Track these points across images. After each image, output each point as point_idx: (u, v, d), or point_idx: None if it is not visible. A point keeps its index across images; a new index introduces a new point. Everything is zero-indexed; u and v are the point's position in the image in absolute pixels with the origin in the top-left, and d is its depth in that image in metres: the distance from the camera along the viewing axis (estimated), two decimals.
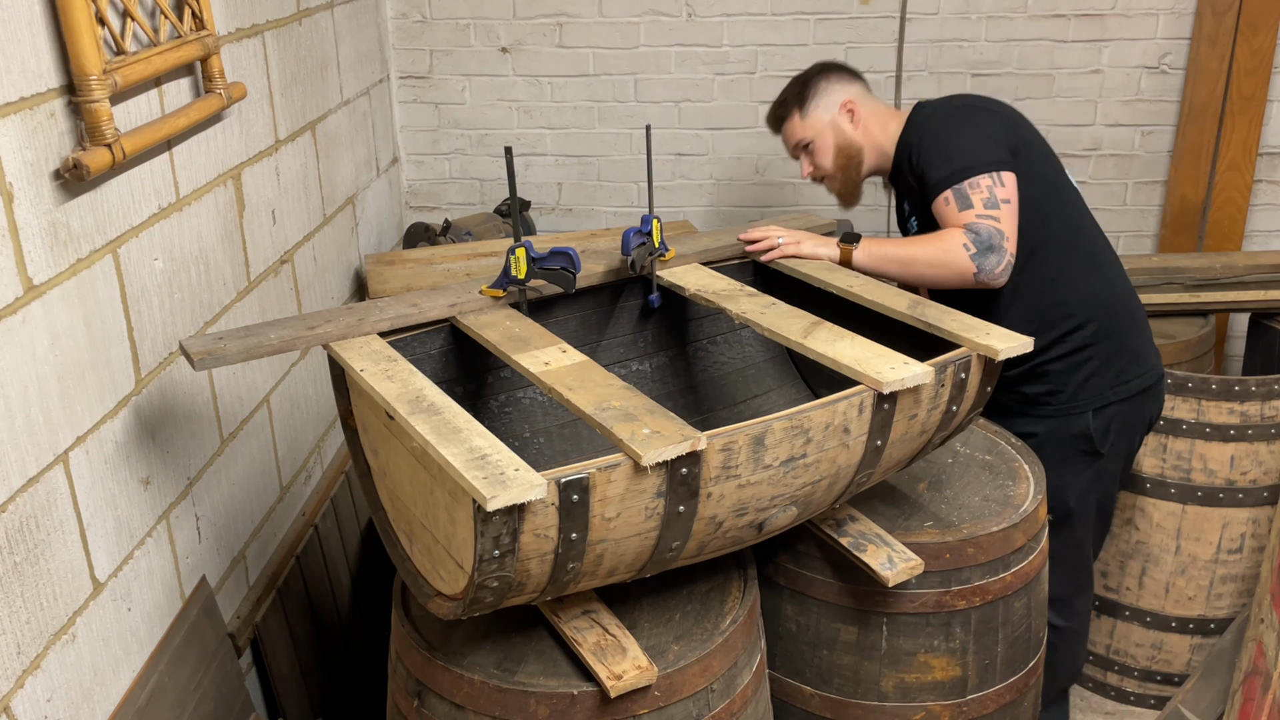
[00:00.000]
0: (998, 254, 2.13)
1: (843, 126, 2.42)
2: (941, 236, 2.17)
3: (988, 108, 2.32)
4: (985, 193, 2.16)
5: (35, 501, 1.52)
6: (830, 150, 2.44)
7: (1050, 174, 2.31)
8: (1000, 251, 2.13)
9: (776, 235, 2.26)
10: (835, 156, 2.44)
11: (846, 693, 2.01)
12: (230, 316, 2.13)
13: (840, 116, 2.42)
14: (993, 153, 2.20)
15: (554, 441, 2.10)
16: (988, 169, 2.17)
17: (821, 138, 2.44)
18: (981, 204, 2.16)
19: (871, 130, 2.42)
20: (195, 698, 1.88)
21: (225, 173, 2.12)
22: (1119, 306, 2.31)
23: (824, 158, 2.45)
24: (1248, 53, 3.22)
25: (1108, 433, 2.31)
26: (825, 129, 2.43)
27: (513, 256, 1.86)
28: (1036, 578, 2.07)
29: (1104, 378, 2.29)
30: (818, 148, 2.45)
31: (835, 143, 2.43)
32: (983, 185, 2.17)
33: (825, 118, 2.43)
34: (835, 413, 1.62)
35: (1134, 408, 2.32)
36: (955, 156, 2.21)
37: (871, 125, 2.42)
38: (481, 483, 1.32)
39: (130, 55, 1.70)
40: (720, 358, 2.33)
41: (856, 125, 2.42)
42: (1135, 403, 2.32)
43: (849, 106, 2.43)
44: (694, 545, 1.62)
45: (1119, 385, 2.29)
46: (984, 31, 3.33)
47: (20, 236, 1.48)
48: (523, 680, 1.62)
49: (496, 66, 3.44)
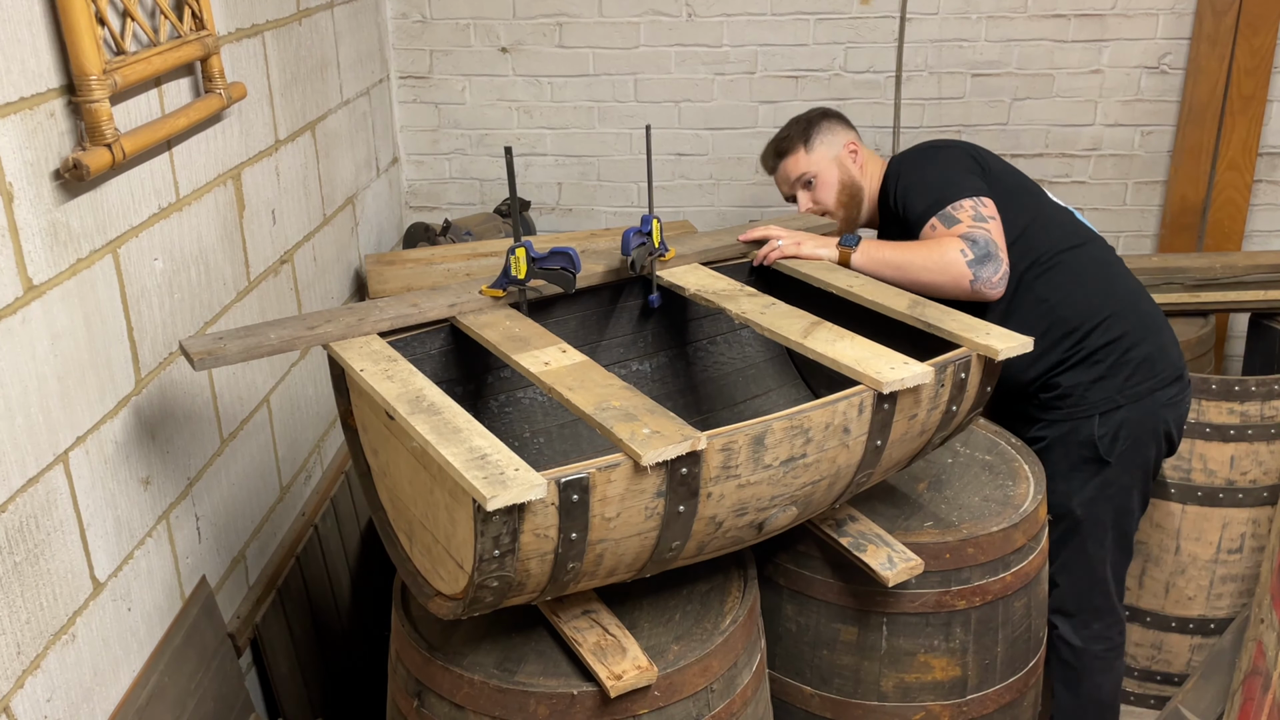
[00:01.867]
0: (994, 262, 2.13)
1: (847, 164, 2.47)
2: (940, 242, 2.17)
3: (954, 144, 2.39)
4: (970, 211, 2.19)
5: (35, 501, 1.52)
6: (834, 186, 2.47)
7: (1028, 201, 2.33)
8: (996, 260, 2.14)
9: (776, 236, 2.26)
10: (839, 193, 2.47)
11: (846, 693, 2.01)
12: (230, 316, 2.13)
13: (845, 155, 2.47)
14: (968, 180, 2.25)
15: (554, 441, 2.10)
16: (968, 193, 2.22)
17: (826, 173, 2.47)
18: (970, 219, 2.18)
19: (869, 174, 2.48)
20: (195, 698, 1.88)
21: (225, 173, 2.12)
22: (1124, 313, 2.26)
23: (827, 193, 2.48)
24: (1248, 53, 3.22)
25: (1115, 439, 2.25)
26: (830, 164, 2.47)
27: (513, 256, 1.86)
28: (1036, 578, 2.07)
29: (1112, 381, 2.24)
30: (821, 183, 2.48)
31: (839, 179, 2.46)
32: (965, 206, 2.20)
33: (830, 154, 2.47)
34: (835, 413, 1.62)
35: (1145, 413, 2.25)
36: (933, 187, 2.26)
37: (869, 169, 2.49)
38: (481, 483, 1.32)
39: (130, 55, 1.70)
40: (720, 358, 2.33)
41: (859, 166, 2.47)
42: (1145, 408, 2.25)
43: (852, 147, 2.48)
44: (694, 545, 1.62)
45: (1127, 389, 2.24)
46: (984, 31, 3.33)
47: (20, 236, 1.48)
48: (523, 680, 1.62)
49: (496, 66, 3.44)
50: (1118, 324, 2.25)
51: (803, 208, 2.52)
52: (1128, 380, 2.24)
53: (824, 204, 2.49)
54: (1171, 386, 2.27)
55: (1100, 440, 2.25)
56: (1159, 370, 2.26)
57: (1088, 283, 2.28)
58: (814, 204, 2.50)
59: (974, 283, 2.13)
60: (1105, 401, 2.25)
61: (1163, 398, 2.26)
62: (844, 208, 2.48)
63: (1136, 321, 2.27)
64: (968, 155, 2.34)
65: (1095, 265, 2.31)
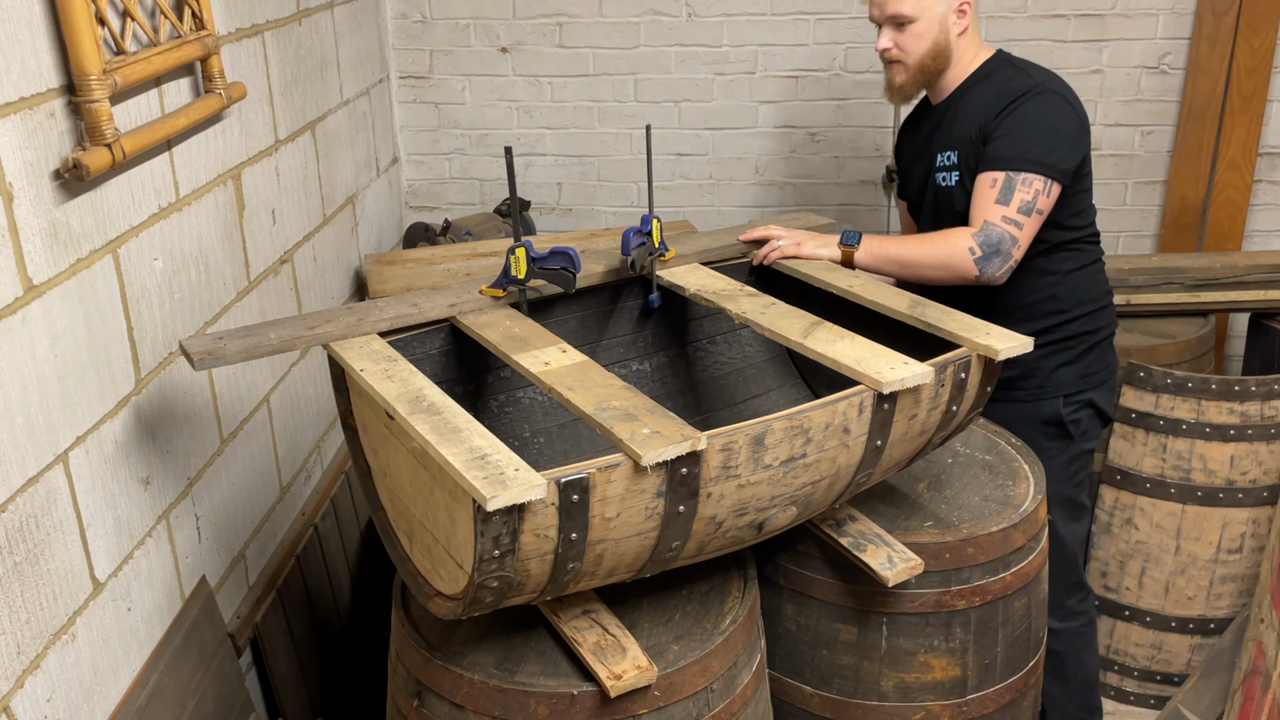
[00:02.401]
0: (1003, 258, 2.12)
1: (949, 25, 2.25)
2: (948, 238, 2.15)
3: (1075, 108, 2.22)
4: (1030, 195, 2.13)
5: (35, 501, 1.52)
6: (927, 41, 2.24)
7: (1088, 182, 2.30)
8: (1006, 257, 2.13)
9: (777, 235, 2.25)
10: (926, 53, 2.25)
11: (846, 693, 2.01)
12: (230, 316, 2.13)
13: (951, 15, 2.24)
14: (1063, 160, 2.15)
15: (554, 441, 2.10)
16: (1048, 174, 2.14)
17: (925, 23, 2.23)
18: (1018, 206, 2.13)
19: (964, 50, 2.28)
20: (195, 698, 1.88)
21: (225, 173, 2.12)
22: (1104, 304, 2.35)
23: (916, 44, 2.25)
24: (1248, 53, 3.22)
25: (1078, 420, 2.33)
26: (933, 18, 2.23)
27: (513, 256, 1.86)
28: (1036, 578, 2.07)
29: (1076, 367, 2.32)
30: (915, 31, 2.24)
31: (934, 38, 2.24)
32: (1034, 187, 2.13)
33: (939, 8, 2.23)
34: (835, 413, 1.62)
35: (1101, 398, 2.36)
36: (1032, 145, 2.15)
37: (966, 45, 2.29)
38: (481, 483, 1.32)
39: (130, 55, 1.70)
40: (720, 358, 2.33)
41: (960, 33, 2.26)
42: (1101, 394, 2.36)
43: (964, 8, 2.25)
44: (694, 545, 1.62)
45: (1089, 376, 2.33)
46: (984, 31, 3.33)
47: (20, 236, 1.48)
48: (523, 680, 1.62)
49: (496, 66, 3.44)
50: (1099, 317, 2.33)
51: (880, 45, 2.29)
52: (1090, 367, 2.33)
53: (904, 56, 2.27)
54: (1113, 373, 2.39)
55: (1070, 423, 2.32)
56: (1110, 359, 2.38)
57: (1089, 269, 2.32)
58: (895, 49, 2.27)
59: (979, 277, 2.14)
60: (1070, 385, 2.32)
61: (1109, 385, 2.38)
62: (920, 71, 2.28)
63: (1109, 316, 2.37)
64: (1083, 129, 2.21)
65: (1098, 257, 2.35)
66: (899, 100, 2.36)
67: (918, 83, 2.31)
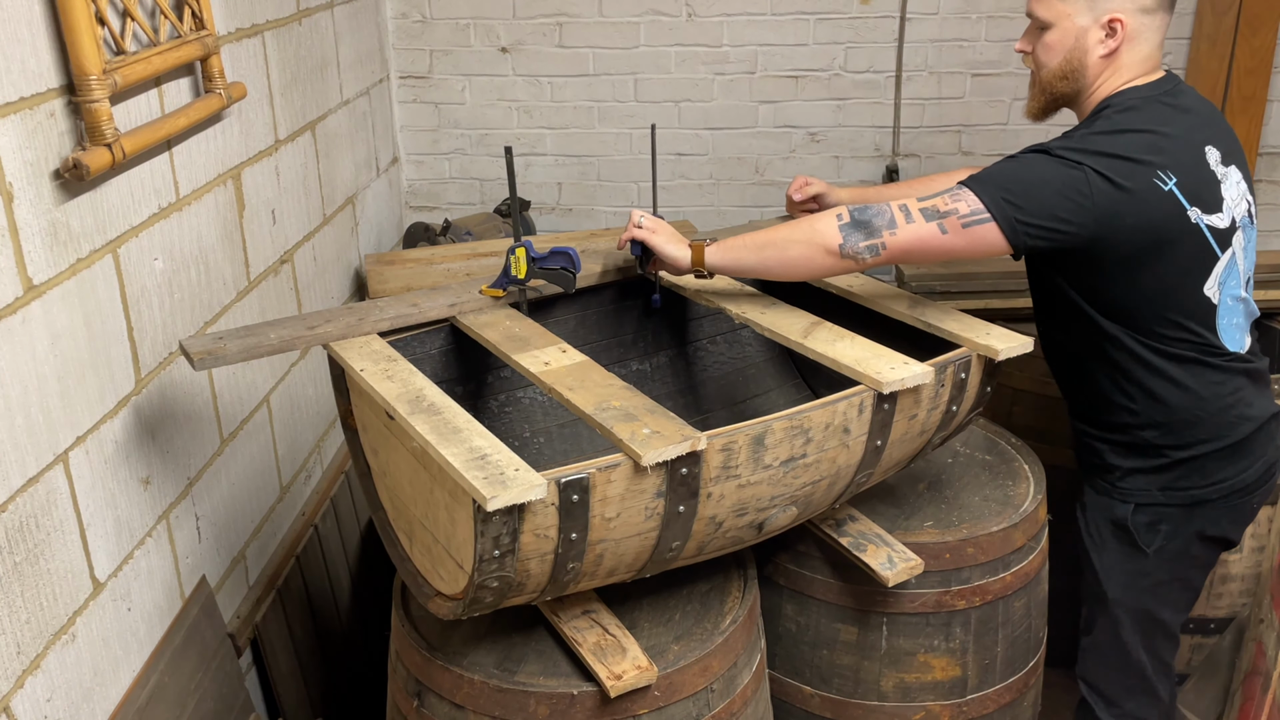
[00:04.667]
0: (868, 235, 1.75)
1: (1089, 43, 1.83)
2: (818, 214, 1.85)
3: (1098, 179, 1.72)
4: (949, 207, 1.74)
5: (35, 501, 1.52)
6: (1057, 56, 1.86)
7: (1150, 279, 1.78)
8: (874, 234, 1.75)
9: (639, 215, 1.93)
10: (1057, 66, 1.87)
11: (846, 693, 2.01)
12: (230, 316, 2.13)
13: (1095, 30, 1.82)
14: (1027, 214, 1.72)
15: (554, 441, 2.10)
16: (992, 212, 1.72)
17: (1059, 33, 1.84)
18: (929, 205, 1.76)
19: (1110, 74, 1.85)
20: (195, 698, 1.88)
21: (225, 173, 2.12)
22: (1196, 423, 1.86)
23: (1046, 55, 1.88)
24: (1248, 53, 3.22)
25: (1155, 533, 1.91)
26: (1069, 29, 1.83)
27: (513, 256, 1.86)
28: (1036, 578, 2.07)
29: (1151, 478, 1.90)
30: (1047, 41, 1.86)
31: (1067, 54, 1.85)
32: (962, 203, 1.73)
33: (1078, 19, 1.82)
34: (835, 413, 1.62)
35: (1190, 517, 1.90)
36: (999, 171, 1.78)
37: (1116, 70, 1.85)
38: (481, 483, 1.32)
39: (130, 55, 1.70)
40: (720, 358, 2.33)
41: (1103, 52, 1.83)
42: (1190, 513, 1.90)
43: (1114, 24, 1.81)
44: (694, 545, 1.62)
45: (1171, 490, 1.89)
46: (984, 31, 3.33)
47: (20, 236, 1.48)
48: (523, 680, 1.62)
49: (496, 66, 3.44)
50: (1181, 428, 1.87)
51: (1019, 45, 1.94)
52: (1178, 481, 1.89)
53: (1037, 62, 1.90)
54: (1221, 493, 1.89)
55: (1136, 528, 1.92)
56: (1214, 478, 1.88)
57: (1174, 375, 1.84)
58: (1029, 52, 1.92)
59: (842, 246, 1.76)
60: (1143, 494, 1.91)
61: (1213, 504, 1.90)
62: (1043, 91, 1.91)
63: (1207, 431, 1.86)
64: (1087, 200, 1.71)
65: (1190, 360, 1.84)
66: (1039, 117, 1.97)
67: (1041, 104, 1.93)
